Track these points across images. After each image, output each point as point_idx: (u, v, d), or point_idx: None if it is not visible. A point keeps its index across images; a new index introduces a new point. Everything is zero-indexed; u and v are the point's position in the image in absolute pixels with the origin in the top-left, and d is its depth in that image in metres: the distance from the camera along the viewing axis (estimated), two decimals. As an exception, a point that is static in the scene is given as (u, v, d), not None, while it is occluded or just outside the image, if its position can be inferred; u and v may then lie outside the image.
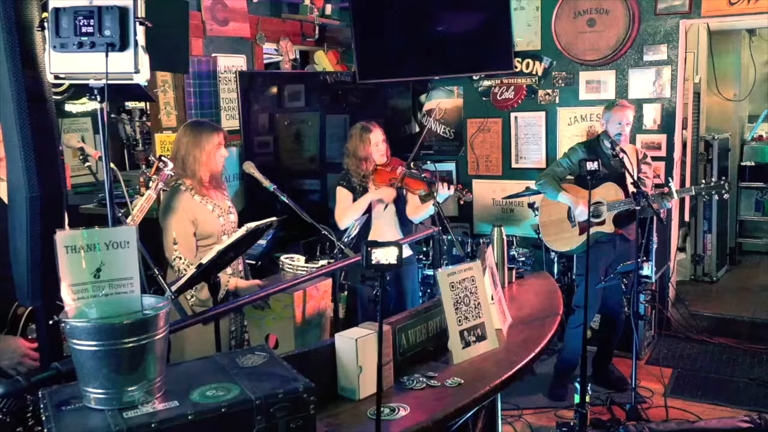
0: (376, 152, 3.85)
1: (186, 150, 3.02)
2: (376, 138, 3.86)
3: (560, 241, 4.21)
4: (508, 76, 5.39)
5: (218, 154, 3.04)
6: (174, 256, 2.93)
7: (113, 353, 1.50)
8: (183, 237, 2.95)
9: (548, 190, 4.15)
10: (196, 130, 3.04)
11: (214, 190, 3.12)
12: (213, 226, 3.04)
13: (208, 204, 3.06)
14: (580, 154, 4.09)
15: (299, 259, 3.37)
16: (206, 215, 3.03)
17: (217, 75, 4.58)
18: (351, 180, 3.89)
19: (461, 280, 2.42)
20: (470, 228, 5.75)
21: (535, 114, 5.35)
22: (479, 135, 5.62)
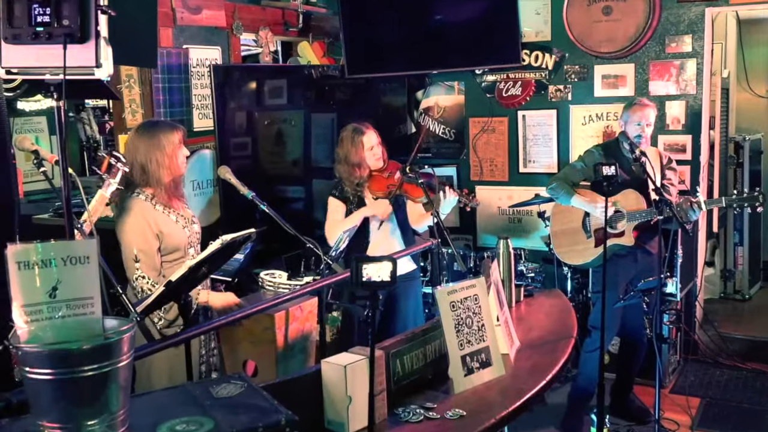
0: (371, 157, 3.87)
1: (145, 155, 2.98)
2: (370, 141, 3.87)
3: (574, 254, 4.22)
4: (515, 71, 5.42)
5: (180, 154, 3.03)
6: (136, 276, 2.91)
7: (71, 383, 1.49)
8: (146, 254, 2.92)
9: (560, 194, 4.16)
10: (152, 131, 3.02)
11: (175, 198, 3.10)
12: (179, 239, 3.02)
13: (171, 214, 3.04)
14: (596, 157, 4.11)
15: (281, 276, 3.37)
16: (171, 227, 3.01)
17: (189, 69, 4.58)
18: (344, 189, 3.90)
19: (463, 299, 2.42)
20: (473, 240, 5.76)
21: (545, 112, 5.38)
22: (483, 136, 5.64)
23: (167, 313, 2.92)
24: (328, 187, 4.15)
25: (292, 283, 3.27)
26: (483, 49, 5.11)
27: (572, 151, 5.28)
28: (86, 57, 1.80)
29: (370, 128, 3.93)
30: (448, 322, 2.37)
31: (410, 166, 3.82)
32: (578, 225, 4.22)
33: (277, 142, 5.15)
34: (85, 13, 1.78)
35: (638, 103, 4.08)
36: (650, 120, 4.01)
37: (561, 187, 4.15)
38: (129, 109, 4.42)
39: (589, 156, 4.17)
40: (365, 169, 3.86)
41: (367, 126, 3.95)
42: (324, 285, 2.87)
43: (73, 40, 1.78)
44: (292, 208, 5.20)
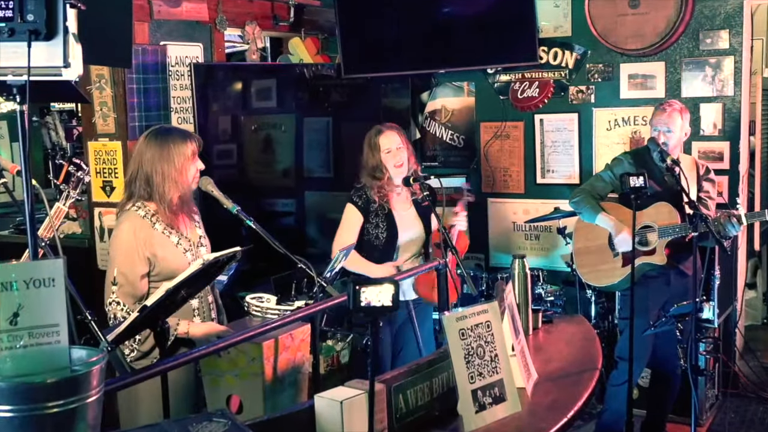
0: (390, 160, 3.91)
1: (151, 166, 2.99)
2: (388, 143, 3.92)
3: (599, 274, 4.22)
4: (532, 70, 5.44)
5: (191, 168, 3.04)
6: (110, 300, 2.91)
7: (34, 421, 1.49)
8: (127, 278, 2.92)
9: (585, 210, 4.17)
10: (162, 140, 3.03)
11: (183, 215, 3.12)
12: (177, 265, 3.00)
13: (172, 235, 3.04)
14: (625, 166, 4.11)
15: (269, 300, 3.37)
16: (169, 250, 3.01)
17: (167, 68, 4.60)
18: (368, 195, 3.95)
19: (474, 325, 2.42)
20: (485, 259, 5.76)
21: (565, 116, 5.40)
22: (495, 143, 5.65)
23: (142, 345, 2.92)
24: (321, 199, 4.16)
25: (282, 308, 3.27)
26: (495, 46, 5.12)
27: (595, 160, 5.29)
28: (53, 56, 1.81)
29: (393, 129, 3.99)
30: (457, 351, 2.37)
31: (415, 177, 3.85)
32: (604, 242, 4.22)
33: (266, 150, 5.16)
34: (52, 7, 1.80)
35: (661, 107, 4.11)
36: (672, 125, 4.00)
37: (585, 201, 4.15)
38: (100, 113, 4.44)
39: (618, 165, 4.17)
40: (384, 175, 3.91)
41: (390, 126, 4.01)
42: (318, 310, 2.87)
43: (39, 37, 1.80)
44: (282, 223, 5.20)
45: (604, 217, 4.10)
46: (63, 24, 1.81)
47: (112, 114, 4.41)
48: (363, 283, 1.86)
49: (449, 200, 4.07)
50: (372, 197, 3.94)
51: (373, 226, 3.98)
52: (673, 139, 4.01)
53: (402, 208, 4.05)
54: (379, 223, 3.95)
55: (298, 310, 2.98)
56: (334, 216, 4.23)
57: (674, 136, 4.02)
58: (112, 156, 4.42)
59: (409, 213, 4.03)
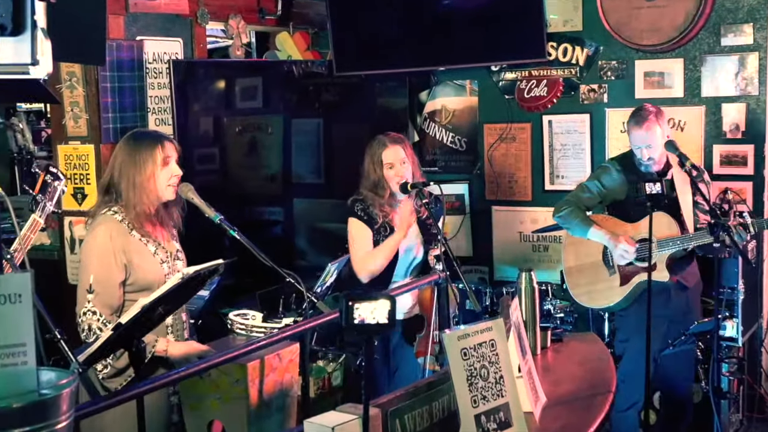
0: (392, 176, 3.90)
1: (120, 171, 3.04)
2: (391, 156, 3.91)
3: (594, 295, 4.22)
4: (539, 67, 5.45)
5: (162, 175, 3.05)
6: (85, 309, 2.91)
7: (-2, 449, 1.49)
8: (104, 285, 2.93)
9: (573, 224, 4.17)
10: (132, 144, 3.07)
11: (160, 226, 3.14)
12: (154, 275, 3.03)
13: (150, 244, 3.06)
14: (614, 174, 4.14)
15: (254, 317, 3.37)
16: (146, 259, 3.03)
17: (144, 65, 4.60)
18: (368, 208, 3.94)
19: (477, 344, 2.42)
20: (489, 272, 5.76)
21: (575, 117, 5.41)
22: (500, 146, 5.66)
23: (116, 361, 2.92)
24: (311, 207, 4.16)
25: (269, 326, 3.27)
26: (500, 42, 5.13)
27: (609, 164, 5.29)
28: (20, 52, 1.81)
29: (397, 143, 3.96)
30: (458, 373, 2.37)
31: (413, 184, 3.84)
32: (597, 259, 4.22)
33: (251, 154, 5.16)
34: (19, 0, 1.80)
35: (632, 119, 4.05)
36: (652, 140, 3.97)
37: (574, 215, 4.16)
38: (70, 113, 4.44)
39: (604, 173, 4.19)
40: (386, 192, 3.90)
41: (394, 139, 3.98)
42: (308, 328, 2.87)
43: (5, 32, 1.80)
44: (268, 233, 5.20)
45: (598, 231, 4.10)
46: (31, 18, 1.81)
47: (84, 115, 4.41)
48: (356, 299, 1.86)
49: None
50: (374, 213, 3.94)
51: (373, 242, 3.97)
52: (656, 152, 4.00)
53: None
54: (379, 241, 3.95)
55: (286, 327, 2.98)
56: (325, 225, 4.24)
57: (657, 150, 4.00)
58: (83, 161, 4.42)
59: (411, 231, 4.01)
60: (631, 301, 4.11)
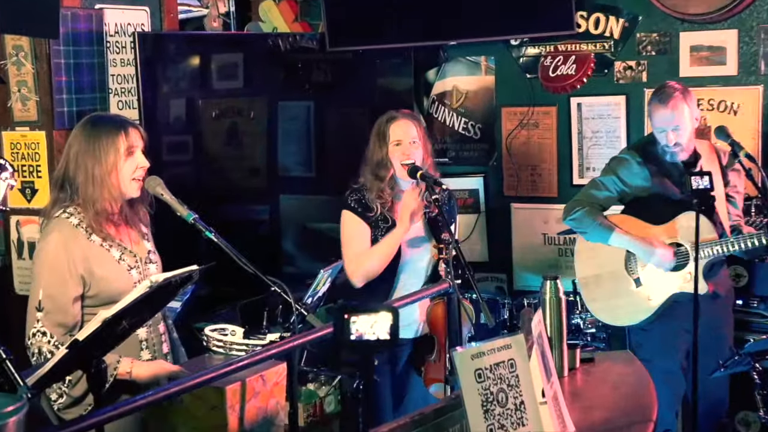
0: (397, 155, 3.92)
1: (75, 162, 3.03)
2: (400, 132, 3.93)
3: (615, 310, 4.21)
4: (567, 40, 5.44)
5: (126, 167, 3.04)
6: (34, 330, 2.90)
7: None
8: (55, 302, 2.92)
9: (590, 228, 4.16)
10: (90, 131, 3.06)
11: (126, 226, 3.13)
12: (120, 285, 3.02)
13: (113, 249, 3.06)
14: (634, 167, 4.11)
15: (234, 333, 3.36)
16: (109, 268, 3.03)
17: (104, 39, 4.60)
18: (364, 197, 3.96)
19: (493, 365, 2.41)
20: (507, 281, 5.75)
21: (609, 99, 5.39)
22: (521, 133, 5.65)
23: (73, 388, 2.91)
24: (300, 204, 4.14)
25: (251, 343, 3.26)
26: (521, 11, 5.13)
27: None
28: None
29: (409, 118, 4.02)
30: (472, 398, 2.35)
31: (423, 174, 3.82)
32: (619, 267, 4.21)
33: (230, 142, 5.15)
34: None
35: (654, 98, 4.04)
36: (680, 120, 3.94)
37: (590, 216, 4.14)
38: (17, 94, 4.43)
39: (622, 167, 4.15)
40: (387, 173, 3.93)
41: (406, 114, 4.05)
42: (297, 345, 2.85)
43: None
44: (251, 235, 5.18)
45: (622, 235, 4.08)
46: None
47: (34, 96, 4.39)
48: (353, 311, 1.85)
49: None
50: (371, 203, 3.95)
51: (372, 240, 3.97)
52: (685, 136, 3.96)
53: None
54: (378, 237, 3.95)
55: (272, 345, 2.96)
56: (316, 226, 4.23)
57: (686, 132, 3.97)
58: (33, 150, 4.41)
59: (416, 226, 4.02)
60: (655, 315, 4.10)
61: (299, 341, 2.87)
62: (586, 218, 4.12)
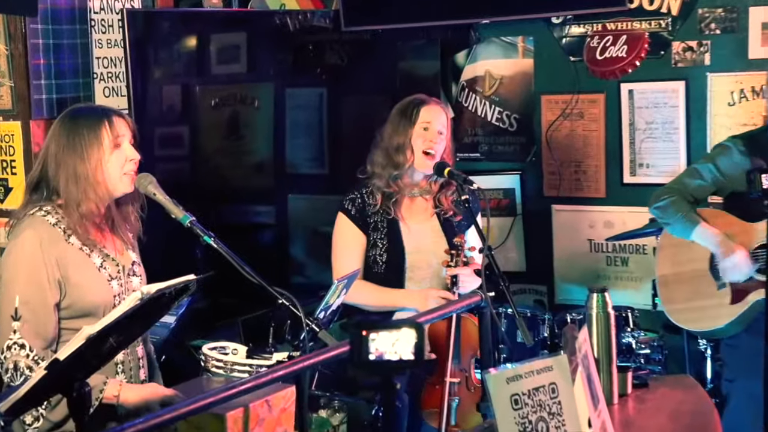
0: (422, 140, 3.96)
1: (55, 158, 3.04)
2: (431, 115, 3.99)
3: (696, 314, 4.22)
4: (617, 18, 5.43)
5: (113, 161, 3.06)
6: (9, 343, 2.91)
7: None
8: (32, 309, 2.93)
9: (674, 219, 4.18)
10: (71, 123, 3.08)
11: (110, 231, 3.15)
12: (99, 296, 3.04)
13: (94, 254, 3.07)
14: (735, 156, 4.11)
15: (236, 352, 3.36)
16: (88, 275, 3.04)
17: (88, 17, 4.61)
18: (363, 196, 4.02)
19: (532, 390, 2.40)
20: (548, 293, 5.76)
21: (666, 86, 5.39)
22: (564, 125, 5.65)
23: (52, 411, 2.91)
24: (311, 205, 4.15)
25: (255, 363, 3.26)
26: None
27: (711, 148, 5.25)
28: None
29: (440, 105, 4.11)
30: (507, 427, 2.35)
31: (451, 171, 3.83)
32: (703, 266, 4.22)
33: (231, 135, 5.16)
34: None
35: None
36: None
37: (675, 207, 4.15)
38: (-9, 81, 4.46)
39: (723, 154, 4.16)
40: (406, 162, 3.95)
41: (437, 101, 4.14)
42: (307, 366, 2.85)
43: None
44: (255, 240, 5.20)
45: (705, 231, 4.09)
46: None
47: (8, 82, 4.41)
48: (372, 327, 1.84)
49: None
50: (371, 199, 3.99)
51: (370, 244, 4.02)
52: None
53: (416, 219, 4.09)
54: (377, 240, 4.00)
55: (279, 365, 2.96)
56: (328, 230, 4.22)
57: None
58: (7, 142, 4.43)
59: (425, 227, 4.06)
60: (743, 326, 4.09)
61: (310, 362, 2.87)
62: (671, 208, 4.14)
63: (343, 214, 4.03)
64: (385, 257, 3.99)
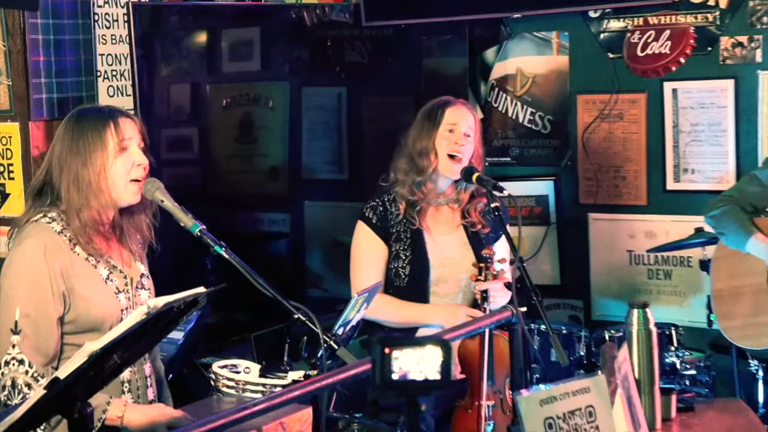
0: (446, 142, 3.96)
1: (59, 162, 3.05)
2: (456, 116, 3.99)
3: (755, 330, 4.22)
4: (660, 11, 5.42)
5: (118, 166, 3.06)
6: (7, 358, 2.91)
7: None
8: (34, 322, 2.94)
9: (729, 229, 4.19)
10: (75, 125, 3.08)
11: (118, 242, 3.16)
12: (105, 310, 3.04)
13: (100, 266, 3.08)
14: None
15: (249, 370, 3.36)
16: (93, 288, 3.05)
17: (92, 11, 4.63)
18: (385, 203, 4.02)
19: (568, 413, 2.40)
20: (584, 308, 5.75)
21: (713, 84, 5.37)
22: (601, 126, 5.64)
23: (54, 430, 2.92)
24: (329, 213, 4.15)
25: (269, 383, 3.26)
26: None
27: (763, 153, 5.24)
28: None
29: (467, 107, 4.10)
30: (542, 453, 2.34)
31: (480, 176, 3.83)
32: (761, 280, 4.22)
33: (244, 137, 5.18)
34: None
35: None
36: None
37: (731, 216, 4.16)
38: (-12, 79, 4.48)
39: None
40: (430, 165, 3.95)
41: (465, 102, 4.15)
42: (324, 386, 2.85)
43: None
44: (269, 250, 5.21)
45: (760, 243, 4.10)
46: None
47: (5, 81, 4.43)
48: (395, 344, 1.84)
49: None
50: (393, 207, 4.00)
51: (392, 255, 4.02)
52: None
53: (441, 230, 4.09)
54: (400, 252, 4.00)
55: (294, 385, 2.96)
56: (348, 239, 4.22)
57: None
58: (4, 145, 4.45)
59: (451, 239, 4.06)
60: None
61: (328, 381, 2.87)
62: (725, 217, 4.15)
63: (363, 223, 4.03)
64: (408, 270, 3.99)
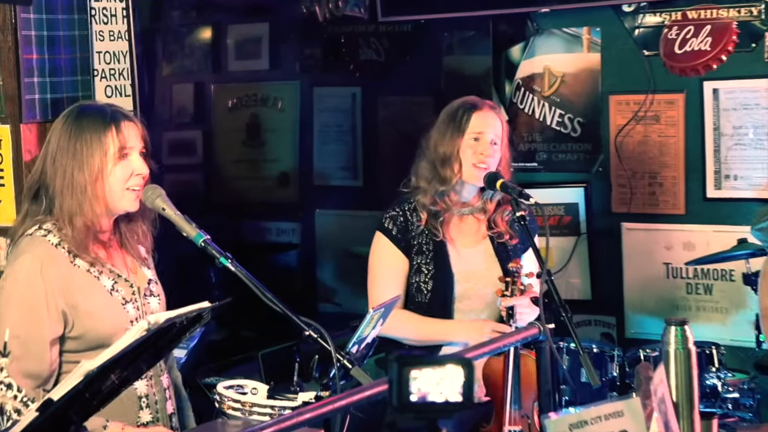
0: (472, 152, 3.96)
1: (54, 166, 3.06)
2: (482, 124, 3.99)
3: None
4: (699, 5, 5.41)
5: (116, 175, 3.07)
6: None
7: None
8: (27, 343, 2.95)
9: None
10: (72, 126, 3.09)
11: (119, 248, 3.18)
12: (112, 323, 3.05)
13: (103, 277, 3.09)
14: None
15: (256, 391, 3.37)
16: (99, 301, 3.06)
17: (88, 5, 4.64)
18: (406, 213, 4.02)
19: (601, 437, 2.39)
20: (617, 325, 5.74)
21: (757, 84, 5.36)
22: (636, 129, 5.63)
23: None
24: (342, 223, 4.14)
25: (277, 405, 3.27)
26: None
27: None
28: None
29: (494, 111, 4.10)
30: (572, 482, 2.34)
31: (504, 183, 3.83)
32: None
33: (251, 140, 5.19)
34: None
35: None
36: None
37: None
38: (-26, 77, 4.49)
39: None
40: (454, 175, 3.95)
41: (491, 105, 4.14)
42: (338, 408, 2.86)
43: None
44: (278, 262, 5.21)
45: None
46: None
47: (-3, 80, 4.45)
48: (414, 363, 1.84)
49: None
50: (414, 217, 4.00)
51: (414, 269, 4.01)
52: None
53: (466, 241, 4.10)
54: (422, 266, 4.00)
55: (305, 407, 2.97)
56: (362, 250, 4.22)
57: None
58: (-5, 148, 4.47)
59: (476, 251, 4.07)
60: None
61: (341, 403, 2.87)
62: None
63: (382, 234, 4.03)
64: (430, 285, 3.99)
